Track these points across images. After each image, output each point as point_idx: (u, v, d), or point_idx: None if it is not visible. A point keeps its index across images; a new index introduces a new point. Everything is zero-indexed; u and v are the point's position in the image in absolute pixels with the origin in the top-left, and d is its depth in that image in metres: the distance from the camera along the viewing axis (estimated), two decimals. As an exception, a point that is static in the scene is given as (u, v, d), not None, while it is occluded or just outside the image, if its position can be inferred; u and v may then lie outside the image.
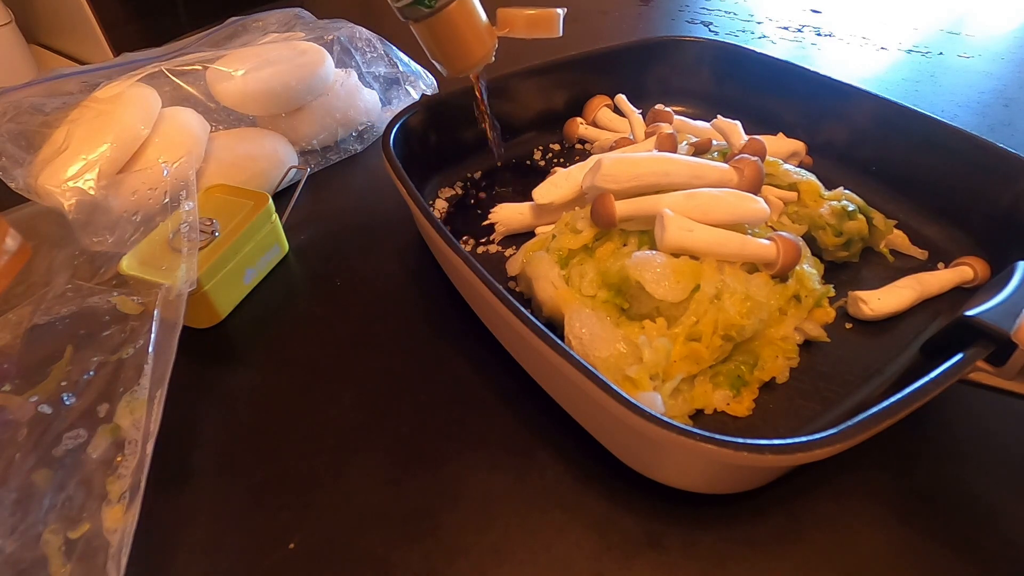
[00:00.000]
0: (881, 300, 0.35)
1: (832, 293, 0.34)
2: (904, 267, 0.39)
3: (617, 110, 0.50)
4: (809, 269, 0.33)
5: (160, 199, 0.37)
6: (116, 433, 0.27)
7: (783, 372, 0.32)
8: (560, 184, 0.39)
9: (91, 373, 0.29)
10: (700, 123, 0.46)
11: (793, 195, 0.38)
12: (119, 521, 0.25)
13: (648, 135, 0.44)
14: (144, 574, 0.26)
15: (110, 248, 0.36)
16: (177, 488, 0.29)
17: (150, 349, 0.29)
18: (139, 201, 0.39)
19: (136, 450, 0.27)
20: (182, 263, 0.32)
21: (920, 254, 0.39)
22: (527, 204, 0.41)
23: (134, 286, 0.33)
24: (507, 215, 0.42)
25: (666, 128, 0.41)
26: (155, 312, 0.30)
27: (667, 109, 0.46)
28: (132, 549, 0.25)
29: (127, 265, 0.34)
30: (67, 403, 0.28)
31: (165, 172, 0.38)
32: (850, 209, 0.38)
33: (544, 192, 0.39)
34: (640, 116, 0.46)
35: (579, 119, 0.50)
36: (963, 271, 0.36)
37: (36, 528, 0.25)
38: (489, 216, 0.42)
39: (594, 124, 0.50)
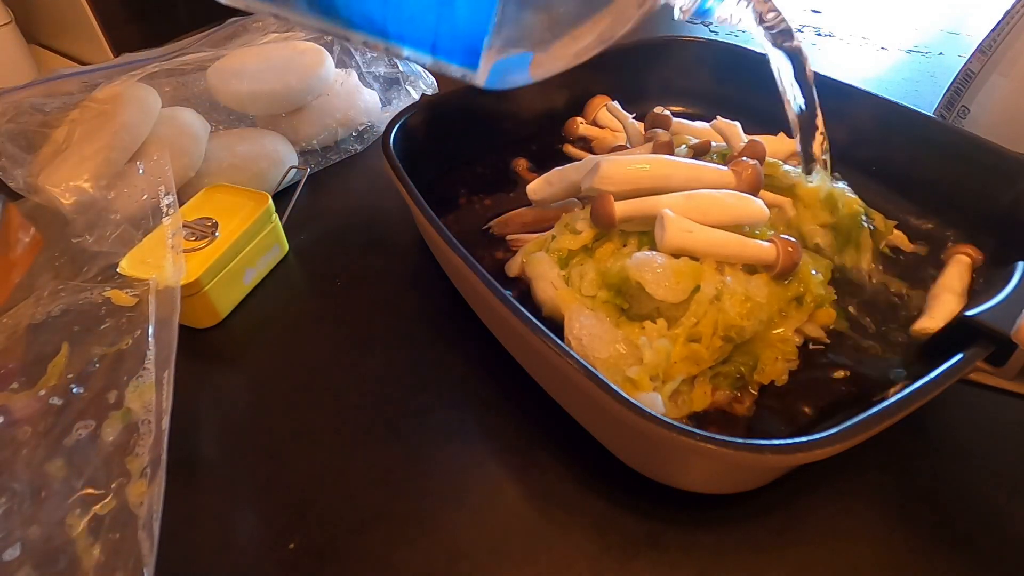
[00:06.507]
0: (935, 319, 0.34)
1: (835, 297, 0.34)
2: (903, 266, 0.39)
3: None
4: (815, 273, 0.33)
5: (138, 196, 0.37)
6: (128, 417, 0.28)
7: (783, 374, 0.32)
8: (554, 182, 0.39)
9: (96, 364, 0.30)
10: (700, 124, 0.46)
11: (788, 201, 0.38)
12: (143, 495, 0.25)
13: (647, 139, 0.44)
14: (144, 574, 0.26)
15: (90, 247, 0.36)
16: (176, 488, 0.29)
17: (149, 335, 0.29)
18: (117, 199, 0.39)
19: (151, 428, 0.27)
20: (168, 254, 0.32)
21: (920, 250, 0.39)
22: (526, 209, 0.41)
23: (125, 280, 0.33)
24: (505, 220, 0.42)
25: (664, 136, 0.41)
26: (150, 299, 0.30)
27: (666, 112, 0.46)
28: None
29: (127, 265, 0.34)
30: (76, 393, 0.29)
31: (140, 170, 0.38)
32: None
33: (538, 188, 0.39)
34: (635, 122, 0.46)
35: (579, 118, 0.50)
36: (963, 260, 0.37)
37: (57, 514, 0.25)
38: (492, 227, 0.42)
39: (594, 124, 0.50)
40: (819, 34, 0.70)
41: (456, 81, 0.44)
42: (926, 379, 0.25)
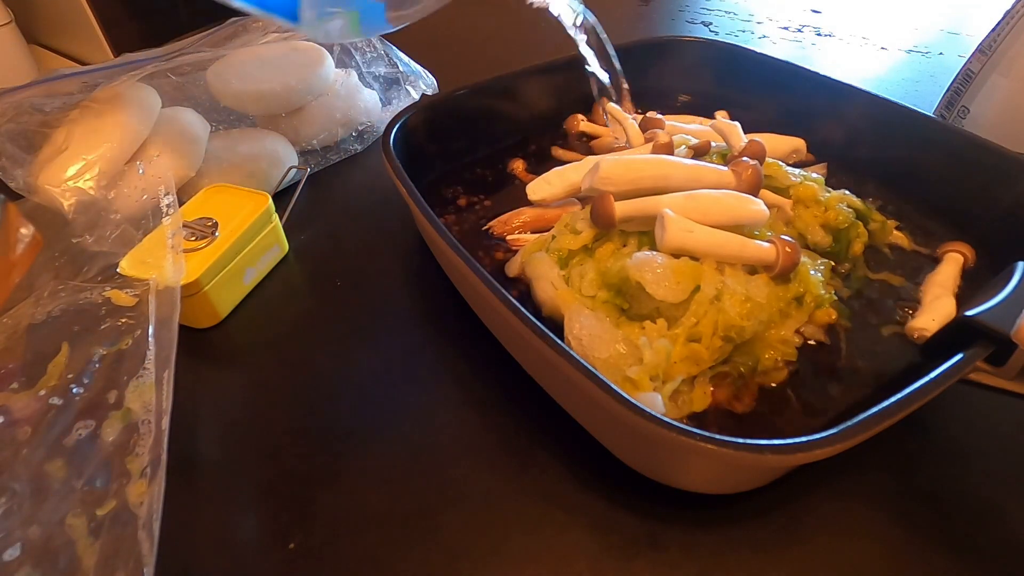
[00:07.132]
0: (936, 320, 0.34)
1: (834, 298, 0.34)
2: (903, 265, 0.39)
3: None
4: (815, 273, 0.33)
5: (138, 196, 0.37)
6: (128, 417, 0.28)
7: (782, 374, 0.32)
8: (553, 182, 0.39)
9: (96, 364, 0.30)
10: (695, 125, 0.46)
11: (788, 201, 0.38)
12: (143, 495, 0.25)
13: (648, 140, 0.44)
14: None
15: (90, 247, 0.36)
16: (175, 489, 0.29)
17: (150, 335, 0.30)
18: (117, 199, 0.39)
19: (151, 429, 0.27)
20: (168, 254, 0.33)
21: (922, 249, 0.39)
22: (526, 209, 0.41)
23: (125, 280, 0.33)
24: (505, 220, 0.42)
25: (664, 136, 0.41)
26: (150, 300, 0.31)
27: (659, 116, 0.46)
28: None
29: (127, 265, 0.34)
30: (76, 393, 0.29)
31: (140, 170, 0.38)
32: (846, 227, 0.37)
33: (537, 188, 0.39)
34: (634, 123, 0.46)
35: (579, 115, 0.50)
36: (958, 258, 0.37)
37: (57, 514, 0.25)
38: (492, 227, 0.42)
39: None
40: (819, 34, 0.70)
41: (456, 82, 0.44)
42: (926, 379, 0.25)
